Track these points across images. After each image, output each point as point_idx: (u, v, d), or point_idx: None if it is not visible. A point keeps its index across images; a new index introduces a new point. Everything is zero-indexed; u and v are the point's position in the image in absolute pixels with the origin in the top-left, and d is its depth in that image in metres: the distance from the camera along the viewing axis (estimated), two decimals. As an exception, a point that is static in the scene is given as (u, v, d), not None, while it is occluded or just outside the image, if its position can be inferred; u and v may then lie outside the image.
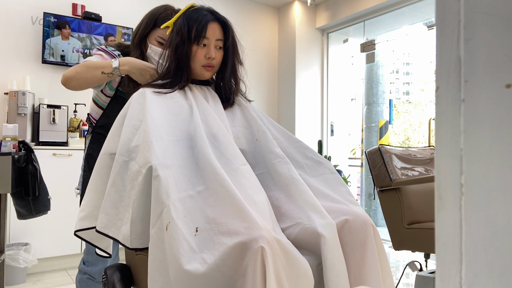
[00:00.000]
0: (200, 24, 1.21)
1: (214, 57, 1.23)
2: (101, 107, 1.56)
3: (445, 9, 0.32)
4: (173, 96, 1.18)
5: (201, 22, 1.22)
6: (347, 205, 1.06)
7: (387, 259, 1.05)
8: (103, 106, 1.56)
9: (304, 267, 0.88)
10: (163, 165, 0.96)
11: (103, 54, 1.49)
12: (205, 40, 1.22)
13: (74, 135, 3.26)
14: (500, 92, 0.29)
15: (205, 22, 1.22)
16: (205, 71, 1.25)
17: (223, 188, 0.92)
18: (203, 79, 1.28)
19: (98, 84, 1.42)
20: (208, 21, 1.23)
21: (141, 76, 1.36)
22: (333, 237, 0.94)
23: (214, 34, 1.23)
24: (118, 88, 1.53)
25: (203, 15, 1.23)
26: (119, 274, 1.15)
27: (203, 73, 1.25)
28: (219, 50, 1.26)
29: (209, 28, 1.22)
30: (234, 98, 1.31)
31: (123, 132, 1.11)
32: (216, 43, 1.24)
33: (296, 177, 1.08)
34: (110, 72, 1.37)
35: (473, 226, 0.30)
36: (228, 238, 0.83)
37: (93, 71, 1.37)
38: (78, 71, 1.39)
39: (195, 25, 1.22)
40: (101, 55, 1.48)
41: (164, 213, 0.90)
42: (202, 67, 1.24)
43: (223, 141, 1.07)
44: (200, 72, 1.25)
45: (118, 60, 1.37)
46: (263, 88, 4.62)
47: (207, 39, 1.22)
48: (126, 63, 1.37)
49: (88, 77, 1.38)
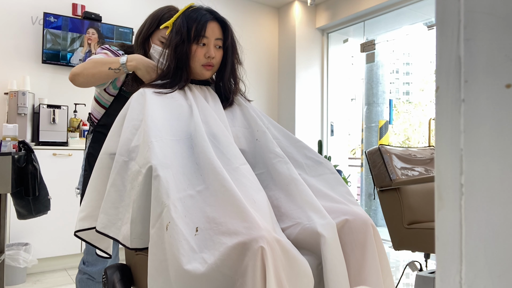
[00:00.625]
0: (199, 24, 1.22)
1: (213, 56, 1.23)
2: (104, 106, 1.56)
3: (445, 9, 0.32)
4: (173, 96, 1.18)
5: (200, 21, 1.22)
6: (347, 205, 1.06)
7: (387, 259, 1.05)
8: (105, 105, 1.56)
9: (304, 267, 0.88)
10: (163, 165, 0.96)
11: (108, 53, 1.49)
12: (204, 39, 1.22)
13: (74, 135, 3.26)
14: (500, 92, 0.29)
15: (204, 21, 1.22)
16: (204, 70, 1.25)
17: (223, 188, 0.92)
18: (203, 78, 1.28)
19: (105, 80, 1.42)
20: (207, 20, 1.23)
21: (147, 74, 1.36)
22: (333, 237, 0.94)
23: (213, 33, 1.23)
24: (121, 87, 1.54)
25: (202, 15, 1.24)
26: (119, 274, 1.15)
27: (203, 72, 1.25)
28: (218, 50, 1.26)
29: (208, 27, 1.22)
30: (233, 97, 1.31)
31: (123, 132, 1.11)
32: (216, 42, 1.24)
33: (296, 177, 1.08)
34: (117, 67, 1.36)
35: (473, 226, 0.30)
36: (228, 238, 0.83)
37: (100, 67, 1.37)
38: (85, 67, 1.38)
39: (194, 24, 1.22)
40: (106, 54, 1.49)
41: (164, 213, 0.90)
42: (202, 67, 1.24)
43: (223, 141, 1.07)
44: (200, 72, 1.25)
45: (126, 56, 1.37)
46: (263, 88, 4.62)
47: (206, 38, 1.22)
48: (134, 59, 1.36)
49: (95, 73, 1.37)
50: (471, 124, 0.30)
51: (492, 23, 0.29)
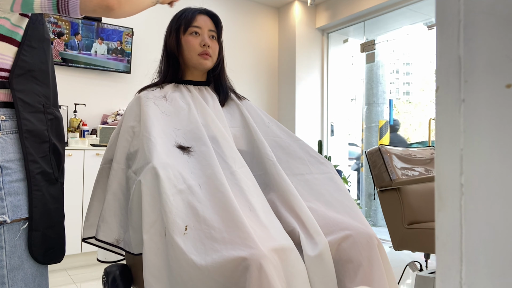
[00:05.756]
0: (188, 14, 1.24)
1: (208, 44, 1.23)
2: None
3: (445, 9, 0.32)
4: (171, 99, 1.18)
5: (190, 12, 1.24)
6: (350, 215, 1.04)
7: (393, 274, 1.02)
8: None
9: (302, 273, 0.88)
10: (161, 166, 0.95)
11: None
12: (196, 29, 1.22)
13: (74, 135, 3.26)
14: (500, 92, 0.29)
15: (193, 12, 1.24)
16: (202, 59, 1.23)
17: (220, 193, 0.92)
18: (203, 69, 1.27)
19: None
20: (196, 11, 1.25)
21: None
22: (320, 256, 0.92)
23: (205, 24, 1.24)
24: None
25: (192, 8, 1.26)
26: (119, 274, 1.15)
27: (201, 62, 1.23)
28: (213, 40, 1.26)
29: (199, 18, 1.23)
30: (230, 94, 1.32)
31: (119, 139, 1.12)
32: (210, 33, 1.25)
33: (288, 182, 1.07)
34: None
35: (473, 226, 0.30)
36: (223, 246, 0.83)
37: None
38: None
39: (183, 16, 1.24)
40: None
41: (159, 221, 0.91)
42: (199, 56, 1.23)
43: (222, 144, 1.07)
44: (197, 62, 1.24)
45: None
46: (263, 88, 4.62)
47: (199, 28, 1.23)
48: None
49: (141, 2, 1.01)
50: (471, 124, 0.30)
51: (492, 23, 0.29)
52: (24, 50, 0.90)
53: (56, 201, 0.95)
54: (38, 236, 0.89)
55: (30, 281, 0.88)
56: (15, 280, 0.85)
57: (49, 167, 0.93)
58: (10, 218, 0.85)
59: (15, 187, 0.86)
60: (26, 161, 0.87)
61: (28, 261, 0.88)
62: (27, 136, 0.88)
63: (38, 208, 0.89)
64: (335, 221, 1.01)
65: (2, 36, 0.86)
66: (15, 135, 0.88)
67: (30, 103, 0.90)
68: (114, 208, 1.07)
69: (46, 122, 0.94)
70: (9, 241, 0.85)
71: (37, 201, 0.88)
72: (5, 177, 0.85)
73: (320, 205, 1.06)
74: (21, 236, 0.87)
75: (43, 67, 0.96)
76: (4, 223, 0.84)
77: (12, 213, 0.85)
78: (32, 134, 0.89)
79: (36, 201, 0.88)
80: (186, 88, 1.25)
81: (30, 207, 0.87)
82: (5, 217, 0.84)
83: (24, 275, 0.87)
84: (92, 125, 3.41)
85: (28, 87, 0.90)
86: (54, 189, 0.94)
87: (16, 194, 0.86)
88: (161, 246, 0.89)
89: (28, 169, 0.87)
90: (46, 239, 0.91)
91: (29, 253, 0.88)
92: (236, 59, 4.27)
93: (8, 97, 0.88)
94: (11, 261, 0.85)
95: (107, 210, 1.07)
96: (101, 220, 1.07)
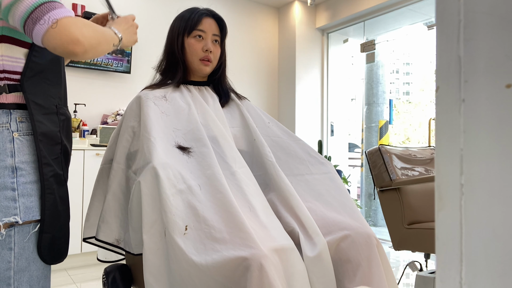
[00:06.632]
0: (195, 16, 1.23)
1: (211, 49, 1.22)
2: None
3: (445, 9, 0.32)
4: (171, 99, 1.18)
5: (196, 15, 1.23)
6: (349, 215, 1.04)
7: (393, 274, 1.02)
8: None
9: (302, 273, 0.89)
10: (161, 166, 0.95)
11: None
12: (201, 33, 1.22)
13: (74, 135, 3.26)
14: (500, 92, 0.29)
15: (200, 15, 1.23)
16: (202, 65, 1.23)
17: (220, 194, 0.92)
18: (202, 74, 1.27)
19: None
20: (203, 14, 1.24)
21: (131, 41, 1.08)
22: (319, 257, 0.93)
23: (210, 28, 1.23)
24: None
25: (198, 10, 1.25)
26: (119, 274, 1.15)
27: (201, 67, 1.24)
28: (216, 45, 1.26)
29: (204, 21, 1.23)
30: (230, 95, 1.32)
31: (119, 139, 1.12)
32: (213, 38, 1.24)
33: (287, 183, 1.07)
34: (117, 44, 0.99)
35: (473, 226, 0.30)
36: (223, 246, 0.83)
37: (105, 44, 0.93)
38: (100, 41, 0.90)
39: (189, 18, 1.23)
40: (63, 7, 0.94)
41: (158, 221, 0.91)
42: (200, 61, 1.23)
43: (222, 144, 1.07)
44: (198, 67, 1.24)
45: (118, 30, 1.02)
46: (263, 88, 4.62)
47: (203, 32, 1.22)
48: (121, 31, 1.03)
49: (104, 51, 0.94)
50: (471, 124, 0.30)
51: (492, 23, 0.29)
52: (35, 51, 0.90)
53: (64, 202, 0.95)
54: (48, 238, 0.89)
55: (35, 283, 0.88)
56: (20, 282, 0.85)
57: (60, 168, 0.93)
58: (22, 219, 0.85)
59: (28, 189, 0.86)
60: (40, 164, 0.87)
61: (35, 263, 0.88)
62: (41, 138, 0.88)
63: (50, 211, 0.89)
64: (334, 221, 1.01)
65: (13, 39, 0.86)
66: (30, 137, 0.88)
67: (43, 105, 0.90)
68: (114, 208, 1.07)
69: (58, 123, 0.94)
70: (18, 243, 0.85)
71: (49, 204, 0.89)
72: (19, 178, 0.85)
73: (319, 205, 1.06)
74: (30, 238, 0.87)
75: (54, 67, 0.96)
76: (15, 224, 0.84)
77: (24, 214, 0.85)
78: (46, 137, 0.89)
79: (48, 204, 0.88)
80: (186, 88, 1.25)
81: (42, 209, 0.88)
82: (17, 218, 0.84)
83: (30, 277, 0.87)
84: (92, 125, 3.41)
85: (40, 89, 0.90)
86: (63, 191, 0.95)
87: (29, 195, 0.86)
88: (161, 246, 0.89)
89: (42, 172, 0.87)
90: (54, 240, 0.91)
91: (38, 254, 0.88)
92: (236, 59, 4.27)
93: (22, 99, 0.88)
94: (18, 263, 0.85)
95: (107, 210, 1.07)
96: (101, 220, 1.07)
